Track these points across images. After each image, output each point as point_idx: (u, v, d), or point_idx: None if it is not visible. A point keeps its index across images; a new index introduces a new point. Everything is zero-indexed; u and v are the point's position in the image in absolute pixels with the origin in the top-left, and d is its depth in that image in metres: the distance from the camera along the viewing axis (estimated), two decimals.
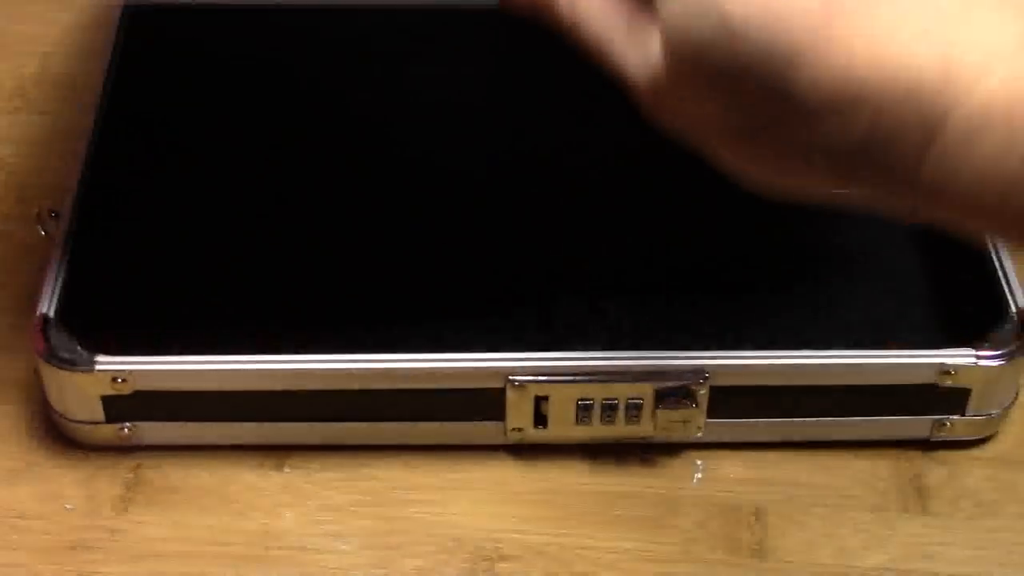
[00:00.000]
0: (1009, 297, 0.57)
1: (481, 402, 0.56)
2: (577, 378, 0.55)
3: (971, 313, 0.58)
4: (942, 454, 0.58)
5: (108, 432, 0.56)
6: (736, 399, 0.56)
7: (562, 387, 0.55)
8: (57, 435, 0.57)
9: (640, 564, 0.55)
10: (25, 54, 0.76)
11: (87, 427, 0.56)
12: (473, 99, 0.67)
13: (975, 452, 0.58)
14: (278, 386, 0.55)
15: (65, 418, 0.56)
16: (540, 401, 0.56)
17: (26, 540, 0.54)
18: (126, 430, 0.56)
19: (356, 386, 0.55)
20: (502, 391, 0.55)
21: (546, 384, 0.55)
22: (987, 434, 0.58)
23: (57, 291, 0.56)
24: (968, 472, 0.58)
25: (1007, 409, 0.58)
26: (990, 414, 0.57)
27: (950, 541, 0.55)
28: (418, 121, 0.66)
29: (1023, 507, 0.57)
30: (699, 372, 0.55)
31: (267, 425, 0.57)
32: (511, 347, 0.56)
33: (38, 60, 0.75)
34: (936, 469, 0.58)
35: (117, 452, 0.57)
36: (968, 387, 0.56)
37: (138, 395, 0.55)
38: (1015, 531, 0.56)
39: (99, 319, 0.56)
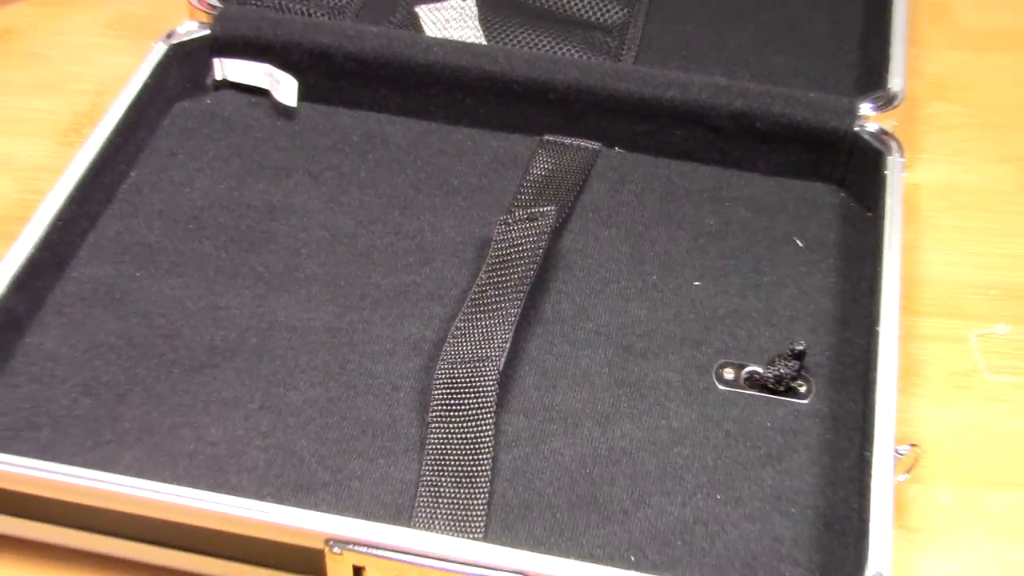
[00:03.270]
0: None
1: (302, 560, 0.55)
2: (396, 555, 0.53)
3: None
4: None
5: None
6: None
7: (381, 562, 0.54)
8: None
9: None
10: (80, 92, 0.82)
11: None
12: None
13: None
14: (109, 505, 0.55)
15: None
16: (359, 571, 0.54)
17: None
18: None
19: (183, 519, 0.55)
20: (322, 553, 0.54)
21: (364, 555, 0.54)
22: None
23: None
24: None
25: None
26: None
27: None
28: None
29: None
30: (519, 573, 0.53)
31: (100, 537, 0.57)
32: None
33: (91, 99, 0.81)
34: None
35: None
36: None
37: None
38: None
39: None
